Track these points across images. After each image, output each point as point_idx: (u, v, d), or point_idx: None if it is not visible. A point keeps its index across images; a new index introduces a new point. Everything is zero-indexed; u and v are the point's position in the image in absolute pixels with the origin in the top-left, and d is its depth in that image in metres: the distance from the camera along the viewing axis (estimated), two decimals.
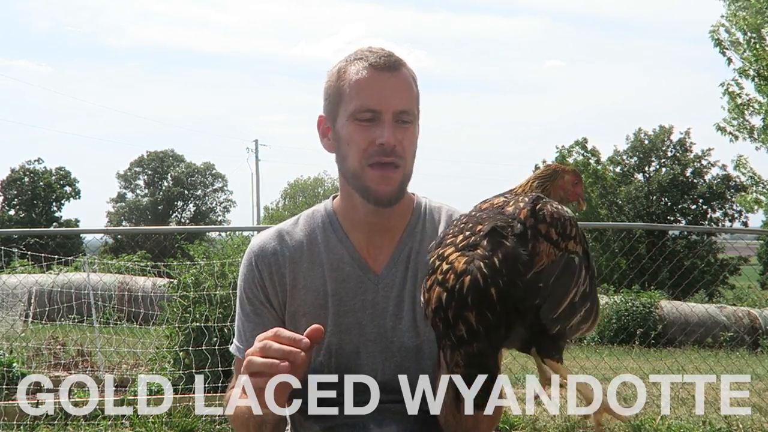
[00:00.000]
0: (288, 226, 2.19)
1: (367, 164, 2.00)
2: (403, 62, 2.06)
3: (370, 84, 1.99)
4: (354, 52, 2.08)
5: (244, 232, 10.88)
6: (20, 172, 44.65)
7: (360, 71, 2.01)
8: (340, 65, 2.06)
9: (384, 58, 2.02)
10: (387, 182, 1.99)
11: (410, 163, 2.06)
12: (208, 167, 55.04)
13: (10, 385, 7.35)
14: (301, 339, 1.71)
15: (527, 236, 1.57)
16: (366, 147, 1.99)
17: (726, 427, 6.74)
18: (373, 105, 1.98)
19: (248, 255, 2.15)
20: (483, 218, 1.63)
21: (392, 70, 2.01)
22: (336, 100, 2.05)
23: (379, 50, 2.05)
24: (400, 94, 2.01)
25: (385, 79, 2.00)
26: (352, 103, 2.00)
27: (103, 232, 21.66)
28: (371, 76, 2.00)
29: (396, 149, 1.99)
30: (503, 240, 1.56)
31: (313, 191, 51.05)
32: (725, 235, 28.00)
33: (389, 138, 1.97)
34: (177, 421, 6.25)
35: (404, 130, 2.01)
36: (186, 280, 7.77)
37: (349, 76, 2.02)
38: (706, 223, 35.50)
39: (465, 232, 1.61)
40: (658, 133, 37.03)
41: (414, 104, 2.05)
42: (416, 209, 2.17)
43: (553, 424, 6.72)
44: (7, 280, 10.42)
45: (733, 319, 16.00)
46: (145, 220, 51.01)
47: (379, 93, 1.99)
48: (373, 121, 1.99)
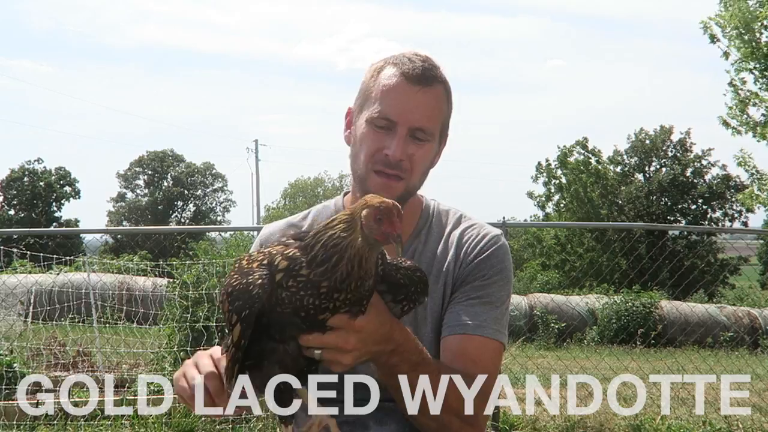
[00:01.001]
0: (298, 219, 2.21)
1: (372, 170, 2.00)
2: (439, 78, 2.02)
3: (396, 93, 1.97)
4: (398, 54, 2.05)
5: (244, 232, 10.88)
6: (20, 172, 44.65)
7: (392, 77, 1.99)
8: (379, 64, 2.05)
9: (418, 70, 1.98)
10: (387, 191, 1.97)
11: (417, 178, 2.04)
12: (208, 167, 55.04)
13: (10, 385, 7.35)
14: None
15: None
16: (374, 153, 1.99)
17: (726, 427, 6.73)
18: (391, 115, 1.97)
19: (257, 244, 2.18)
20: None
21: (423, 84, 1.98)
22: (364, 98, 2.05)
23: (420, 60, 2.01)
24: (422, 110, 1.98)
25: (412, 92, 1.97)
26: (374, 107, 1.99)
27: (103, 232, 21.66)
28: (399, 84, 1.98)
29: (402, 164, 1.98)
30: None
31: (313, 191, 51.06)
32: (725, 235, 28.06)
33: (396, 152, 1.96)
34: (177, 421, 6.25)
35: (418, 146, 1.99)
36: (186, 279, 7.77)
37: (381, 78, 2.01)
38: (706, 223, 35.48)
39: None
40: (659, 133, 37.02)
41: (435, 123, 2.02)
42: (425, 211, 2.17)
43: (553, 424, 6.72)
44: (7, 280, 10.41)
45: (733, 319, 16.00)
46: (145, 220, 51.00)
47: (401, 104, 1.97)
48: (388, 130, 1.98)
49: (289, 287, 1.60)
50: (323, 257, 1.59)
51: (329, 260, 1.58)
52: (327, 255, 1.58)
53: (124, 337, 9.73)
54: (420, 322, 2.08)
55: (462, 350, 2.01)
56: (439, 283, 2.08)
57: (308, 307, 1.60)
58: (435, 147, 2.07)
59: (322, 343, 1.66)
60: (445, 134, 2.11)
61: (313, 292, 1.59)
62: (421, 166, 2.03)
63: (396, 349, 1.79)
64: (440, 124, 2.06)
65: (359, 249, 1.59)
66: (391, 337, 1.78)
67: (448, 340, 2.04)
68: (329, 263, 1.58)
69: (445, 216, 2.18)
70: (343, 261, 1.58)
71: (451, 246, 2.10)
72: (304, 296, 1.60)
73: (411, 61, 2.00)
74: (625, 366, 10.02)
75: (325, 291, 1.59)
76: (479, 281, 2.06)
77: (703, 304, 17.88)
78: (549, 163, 35.57)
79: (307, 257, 1.60)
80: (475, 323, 2.02)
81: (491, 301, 2.05)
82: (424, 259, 2.09)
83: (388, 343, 1.77)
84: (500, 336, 2.06)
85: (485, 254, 2.07)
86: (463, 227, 2.14)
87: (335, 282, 1.59)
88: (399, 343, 1.80)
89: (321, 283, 1.59)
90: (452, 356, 2.01)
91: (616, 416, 6.92)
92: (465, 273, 2.06)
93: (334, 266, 1.58)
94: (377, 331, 1.73)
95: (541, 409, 7.28)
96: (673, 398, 8.12)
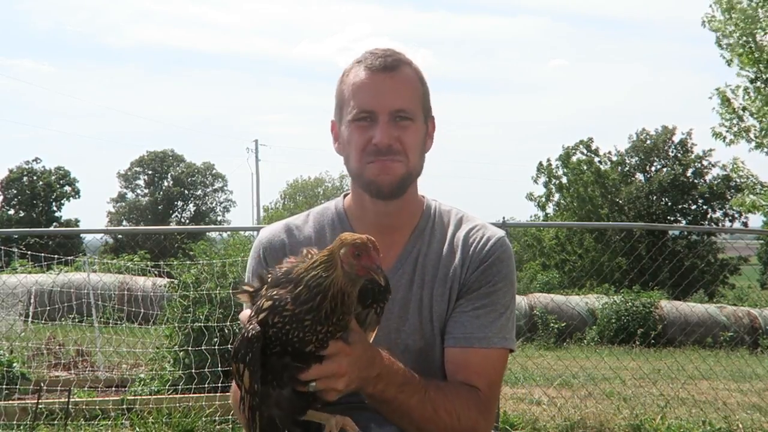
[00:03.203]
0: (297, 220, 2.20)
1: (366, 162, 2.01)
2: (404, 61, 2.05)
3: (367, 86, 2.00)
4: (359, 55, 2.08)
5: (244, 232, 10.88)
6: (19, 172, 44.62)
7: (358, 74, 2.02)
8: (344, 70, 2.08)
9: (381, 59, 2.02)
10: (387, 171, 2.00)
11: (415, 159, 2.05)
12: (208, 167, 55.03)
13: (10, 385, 7.35)
14: None
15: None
16: (364, 146, 2.01)
17: (726, 427, 6.73)
18: (369, 106, 2.00)
19: (256, 246, 2.17)
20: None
21: (389, 71, 2.01)
22: (340, 104, 2.08)
23: (380, 51, 2.05)
24: (396, 93, 2.01)
25: (380, 80, 2.00)
26: (351, 107, 2.02)
27: (103, 232, 21.65)
28: (367, 78, 2.01)
29: (393, 147, 1.99)
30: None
31: (313, 191, 51.04)
32: (725, 235, 28.00)
33: (381, 137, 1.98)
34: (177, 421, 6.25)
35: (403, 128, 2.01)
36: (186, 280, 7.77)
37: (349, 80, 2.04)
38: (706, 223, 35.47)
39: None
40: (661, 133, 37.03)
41: (413, 103, 2.04)
42: (426, 212, 2.17)
43: (552, 424, 6.72)
44: (7, 280, 10.42)
45: (733, 319, 15.99)
46: (145, 220, 51.00)
47: (374, 94, 2.00)
48: (371, 122, 2.00)
49: (275, 324, 1.66)
50: (306, 296, 1.65)
51: (314, 299, 1.65)
52: (311, 294, 1.65)
53: (124, 337, 9.73)
54: (425, 325, 2.08)
55: (465, 363, 2.02)
56: (446, 286, 2.07)
57: (293, 341, 1.66)
58: (422, 127, 2.08)
59: (321, 373, 1.69)
60: (429, 115, 2.12)
61: (298, 325, 1.65)
62: (413, 147, 2.04)
63: (381, 373, 1.81)
64: (420, 104, 2.07)
65: (342, 286, 1.65)
66: (374, 362, 1.80)
67: (452, 352, 2.04)
68: (313, 302, 1.64)
69: (447, 216, 2.17)
70: (326, 299, 1.64)
71: (457, 248, 2.10)
72: (290, 330, 1.65)
73: (373, 54, 2.04)
74: (625, 366, 10.01)
75: (309, 324, 1.65)
76: (486, 288, 2.06)
77: (703, 304, 17.87)
78: (550, 163, 35.64)
79: (291, 295, 1.66)
80: (480, 335, 2.03)
81: (497, 309, 2.06)
82: (429, 261, 2.09)
83: (373, 368, 1.79)
84: (506, 342, 2.07)
85: (491, 259, 2.07)
86: (467, 229, 2.13)
87: (320, 318, 1.65)
88: (383, 365, 1.82)
89: (305, 317, 1.65)
90: (455, 368, 2.03)
91: (616, 416, 6.92)
92: (471, 279, 2.06)
93: (318, 305, 1.64)
94: (364, 354, 1.76)
95: (541, 409, 7.31)
96: (673, 398, 8.13)
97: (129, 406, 6.46)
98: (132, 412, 6.40)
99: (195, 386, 7.00)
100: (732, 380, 9.84)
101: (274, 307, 1.66)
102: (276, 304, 1.67)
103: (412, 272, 2.09)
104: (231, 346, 1.82)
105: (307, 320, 1.64)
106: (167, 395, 6.83)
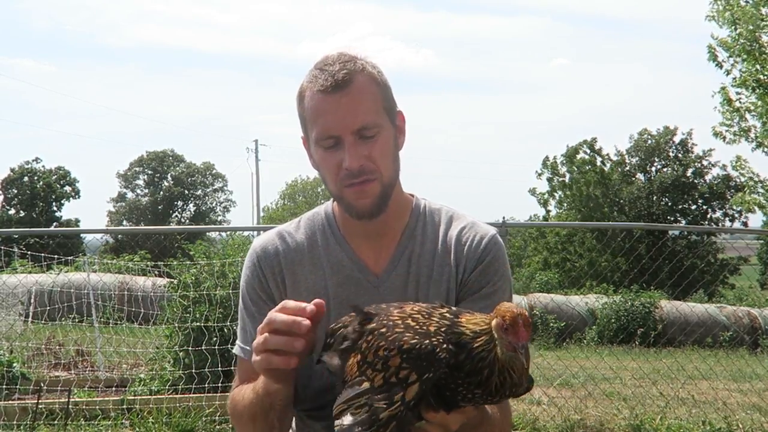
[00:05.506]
0: (290, 227, 2.18)
1: (343, 186, 1.98)
2: (356, 69, 1.97)
3: (323, 110, 1.94)
4: (311, 70, 2.01)
5: (244, 232, 10.88)
6: (20, 171, 44.65)
7: (312, 98, 1.96)
8: (300, 88, 2.02)
9: (331, 79, 1.94)
10: (364, 195, 1.96)
11: (388, 171, 2.00)
12: (208, 167, 55.05)
13: (10, 385, 7.36)
14: (305, 308, 1.73)
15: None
16: (336, 172, 1.97)
17: (726, 427, 6.74)
18: (329, 131, 1.94)
19: (251, 256, 2.14)
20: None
21: (341, 89, 1.93)
22: (304, 125, 2.04)
23: (329, 66, 1.97)
24: (355, 111, 1.94)
25: (334, 101, 1.93)
26: (314, 131, 1.98)
27: (103, 232, 21.62)
28: (321, 101, 1.94)
29: (364, 167, 1.95)
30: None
31: (313, 191, 51.06)
32: (725, 235, 28.06)
33: (351, 162, 1.93)
34: (177, 421, 6.25)
35: (371, 144, 1.96)
36: (186, 280, 7.77)
37: (306, 103, 1.99)
38: (707, 223, 35.50)
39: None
40: (662, 133, 37.06)
41: (376, 111, 1.98)
42: (414, 210, 2.14)
43: (552, 424, 6.72)
44: (7, 280, 10.42)
45: (733, 319, 16.00)
46: (145, 220, 51.02)
47: (332, 118, 1.94)
48: (337, 146, 1.95)
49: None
50: (470, 368, 1.57)
51: (481, 373, 1.57)
52: (476, 368, 1.57)
53: (124, 337, 9.74)
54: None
55: None
56: (442, 288, 2.06)
57: (451, 387, 1.59)
58: (390, 130, 2.03)
59: (443, 421, 1.64)
60: (394, 113, 2.07)
61: (464, 385, 1.58)
62: (384, 159, 1.99)
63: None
64: (383, 108, 2.01)
65: (503, 362, 1.57)
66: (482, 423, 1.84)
67: None
68: (481, 375, 1.57)
69: (437, 215, 2.15)
70: (494, 375, 1.57)
71: (450, 248, 2.08)
72: (457, 384, 1.59)
73: (323, 71, 1.96)
74: (625, 366, 10.02)
75: (480, 394, 1.59)
76: (486, 288, 2.04)
77: (703, 304, 17.87)
78: (555, 160, 35.71)
79: (454, 360, 1.57)
80: None
81: None
82: (423, 261, 2.07)
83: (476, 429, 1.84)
84: None
85: (488, 259, 2.05)
86: (459, 228, 2.12)
87: (490, 390, 1.58)
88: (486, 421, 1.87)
89: (475, 390, 1.58)
90: None
91: (616, 416, 6.93)
92: (471, 281, 2.05)
93: (487, 378, 1.57)
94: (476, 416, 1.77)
95: (540, 409, 7.32)
96: (673, 398, 8.13)
97: (129, 406, 6.48)
98: (132, 412, 6.41)
99: (195, 386, 7.01)
100: (732, 380, 9.85)
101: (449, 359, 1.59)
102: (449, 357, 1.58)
103: (406, 273, 2.07)
104: (231, 346, 1.77)
105: (475, 388, 1.58)
106: (167, 395, 6.84)
